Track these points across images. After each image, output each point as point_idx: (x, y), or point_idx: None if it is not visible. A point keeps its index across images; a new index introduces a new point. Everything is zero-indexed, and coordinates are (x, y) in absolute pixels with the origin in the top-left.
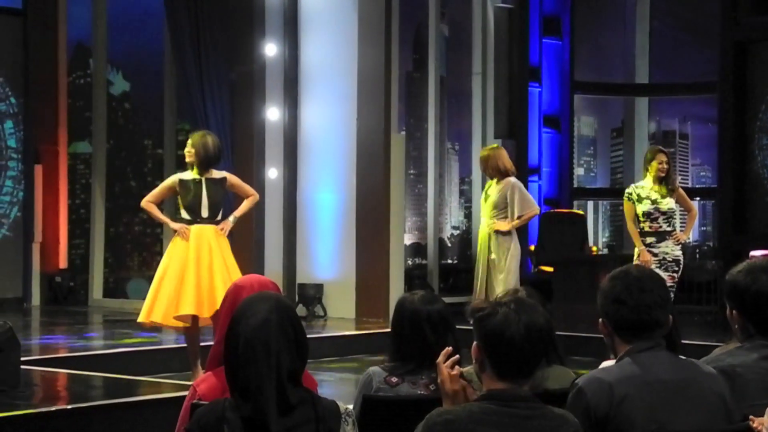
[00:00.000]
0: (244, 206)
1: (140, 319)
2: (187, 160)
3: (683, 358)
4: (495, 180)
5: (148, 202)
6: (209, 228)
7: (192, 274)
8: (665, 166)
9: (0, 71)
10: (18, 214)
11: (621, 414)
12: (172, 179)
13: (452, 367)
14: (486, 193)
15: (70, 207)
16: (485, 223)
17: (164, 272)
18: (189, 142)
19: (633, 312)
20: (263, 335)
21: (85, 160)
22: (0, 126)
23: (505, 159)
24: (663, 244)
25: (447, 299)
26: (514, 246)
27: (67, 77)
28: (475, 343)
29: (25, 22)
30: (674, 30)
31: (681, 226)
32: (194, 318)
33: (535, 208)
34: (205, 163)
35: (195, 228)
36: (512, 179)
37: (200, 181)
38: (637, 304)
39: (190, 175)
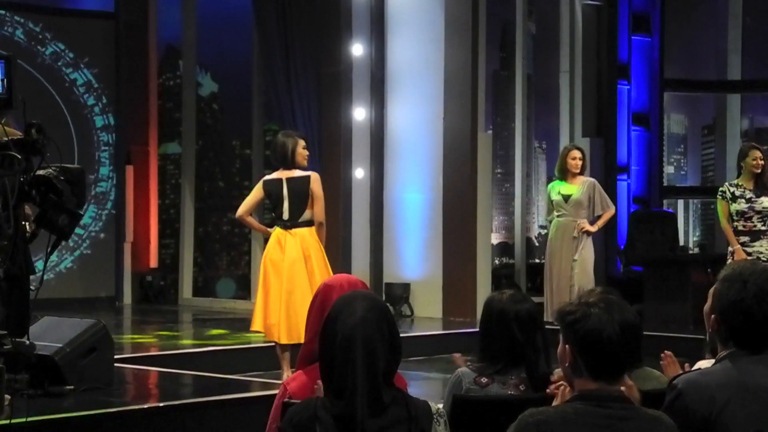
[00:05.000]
0: (321, 239)
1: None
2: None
3: None
4: (567, 178)
5: (242, 216)
6: (292, 233)
7: (273, 294)
8: (760, 162)
9: (93, 73)
10: (110, 215)
11: (721, 421)
12: (259, 184)
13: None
14: (559, 192)
15: (160, 207)
16: (566, 222)
17: (259, 283)
18: (303, 143)
19: (759, 327)
20: (361, 334)
21: (175, 161)
22: (93, 127)
23: None
24: (757, 243)
25: (535, 299)
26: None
27: (157, 79)
28: (566, 346)
29: (117, 25)
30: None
31: None
32: None
33: (614, 207)
34: (274, 162)
35: (277, 235)
36: (592, 178)
37: (281, 180)
38: (765, 319)
39: (274, 175)
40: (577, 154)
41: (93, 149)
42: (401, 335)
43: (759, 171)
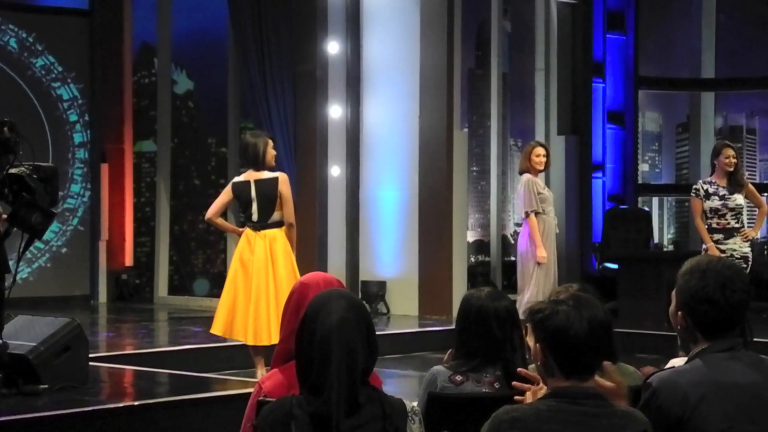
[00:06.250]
0: (291, 240)
1: (211, 330)
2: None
3: (759, 356)
4: (534, 175)
5: (211, 218)
6: (262, 235)
7: (242, 295)
8: (732, 160)
9: (67, 71)
10: (85, 213)
11: (695, 419)
12: (228, 186)
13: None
14: (538, 189)
15: (136, 205)
16: (551, 219)
17: (227, 283)
18: (271, 143)
19: (723, 313)
20: (340, 333)
21: (150, 159)
22: (67, 125)
23: None
24: (731, 240)
25: (511, 296)
26: None
27: (132, 77)
28: (537, 344)
29: (92, 22)
30: (741, 23)
31: (750, 223)
32: None
33: None
34: (244, 162)
35: (247, 235)
36: None
37: (249, 182)
38: (729, 305)
39: (242, 176)
40: (541, 151)
41: (67, 166)
42: (377, 333)
43: (731, 169)
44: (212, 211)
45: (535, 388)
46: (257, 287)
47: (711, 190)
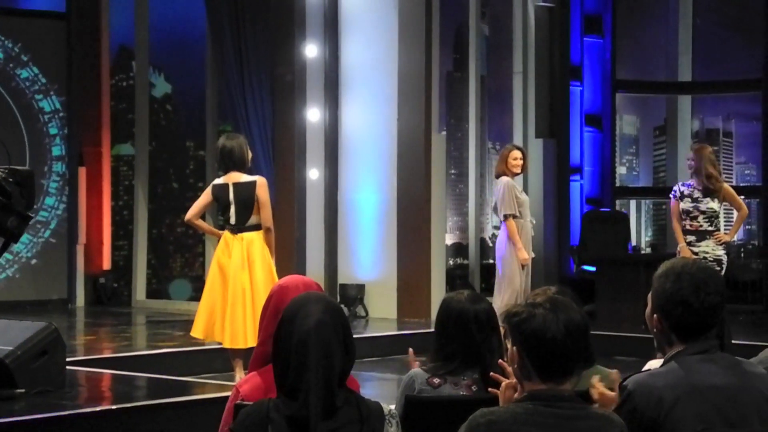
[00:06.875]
0: (269, 244)
1: (191, 333)
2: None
3: (735, 359)
4: (511, 179)
5: (190, 220)
6: (239, 238)
7: (219, 298)
8: (690, 162)
9: (44, 75)
10: (62, 216)
11: (670, 421)
12: (208, 188)
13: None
14: (516, 192)
15: (114, 209)
16: (528, 222)
17: (206, 286)
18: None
19: (698, 315)
20: (318, 336)
21: (128, 162)
22: (44, 129)
23: None
24: (703, 243)
25: (489, 299)
26: None
27: (109, 80)
28: (513, 348)
29: (69, 25)
30: (717, 27)
31: (729, 226)
32: None
33: None
34: (221, 165)
35: (225, 238)
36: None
37: (227, 185)
38: (703, 307)
39: (221, 179)
40: (518, 154)
41: (43, 179)
42: (355, 336)
43: (692, 171)
44: (192, 212)
45: (509, 382)
46: (234, 290)
47: (686, 192)
